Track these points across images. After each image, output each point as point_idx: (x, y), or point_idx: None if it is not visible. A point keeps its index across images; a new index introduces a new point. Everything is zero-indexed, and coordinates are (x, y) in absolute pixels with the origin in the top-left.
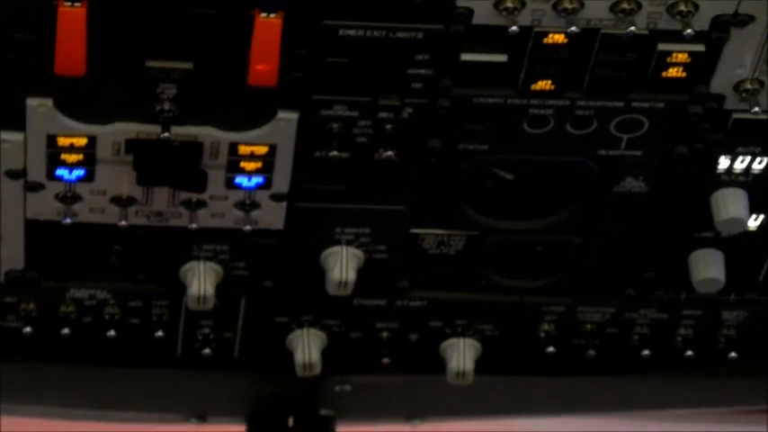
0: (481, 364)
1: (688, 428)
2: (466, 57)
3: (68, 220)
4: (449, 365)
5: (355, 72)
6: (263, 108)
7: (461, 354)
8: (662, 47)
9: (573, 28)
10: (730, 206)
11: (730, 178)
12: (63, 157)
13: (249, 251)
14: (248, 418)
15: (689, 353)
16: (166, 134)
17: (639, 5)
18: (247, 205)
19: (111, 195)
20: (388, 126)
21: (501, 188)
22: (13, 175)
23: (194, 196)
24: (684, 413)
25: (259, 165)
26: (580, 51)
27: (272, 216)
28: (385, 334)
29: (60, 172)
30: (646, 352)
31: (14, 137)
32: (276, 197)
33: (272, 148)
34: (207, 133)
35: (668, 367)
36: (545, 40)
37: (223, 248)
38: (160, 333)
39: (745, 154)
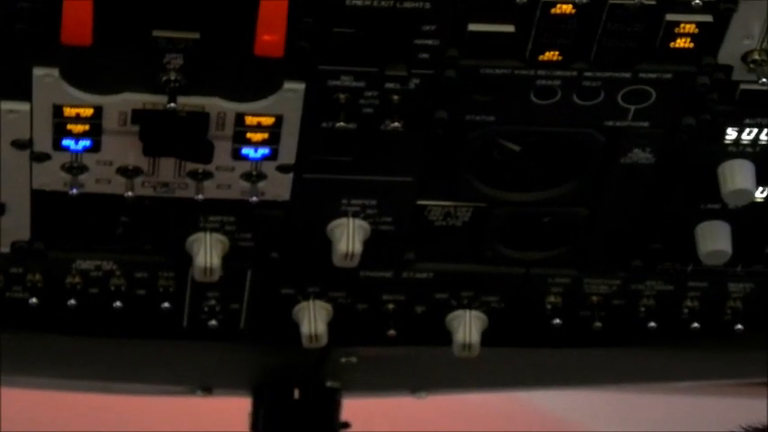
0: (487, 337)
1: (691, 400)
2: (473, 27)
3: (75, 191)
4: (455, 337)
5: (362, 42)
6: (270, 79)
7: (467, 326)
8: (670, 17)
9: None
10: (737, 178)
11: (737, 150)
12: (69, 127)
13: (255, 222)
14: (254, 389)
15: (695, 325)
16: (173, 104)
17: None
18: (254, 176)
19: (117, 166)
20: (395, 97)
21: (508, 159)
22: (20, 145)
23: (201, 167)
24: (688, 385)
25: (265, 136)
26: (588, 22)
27: (278, 187)
28: (391, 306)
29: (66, 142)
30: (652, 324)
31: (21, 107)
32: (282, 168)
33: (279, 119)
34: (213, 104)
35: (674, 339)
36: (553, 11)
37: (229, 220)
38: (166, 304)
39: (752, 125)
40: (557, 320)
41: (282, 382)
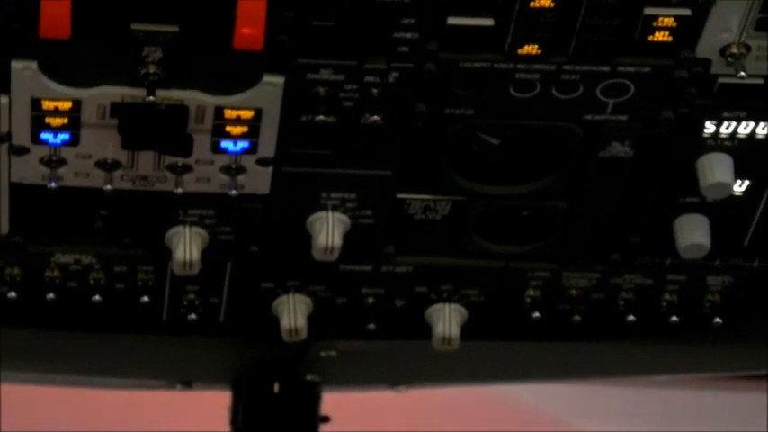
0: (467, 330)
1: (670, 395)
2: (452, 21)
3: (53, 185)
4: (435, 331)
5: (341, 36)
6: (249, 72)
7: (447, 319)
8: (648, 11)
9: None
10: (716, 171)
11: (716, 143)
12: (48, 120)
13: (235, 216)
14: (233, 383)
15: (674, 318)
16: (152, 98)
17: None
18: (233, 170)
19: (96, 159)
20: (375, 90)
21: (487, 153)
22: None
23: (180, 160)
24: (667, 379)
25: (245, 129)
26: (567, 15)
27: (258, 181)
28: (371, 299)
29: (45, 136)
30: (631, 317)
31: None
32: (262, 162)
33: (258, 113)
34: (192, 97)
35: (653, 333)
36: (532, 4)
37: (209, 213)
38: (146, 298)
39: (730, 119)
40: (536, 314)
41: (262, 376)
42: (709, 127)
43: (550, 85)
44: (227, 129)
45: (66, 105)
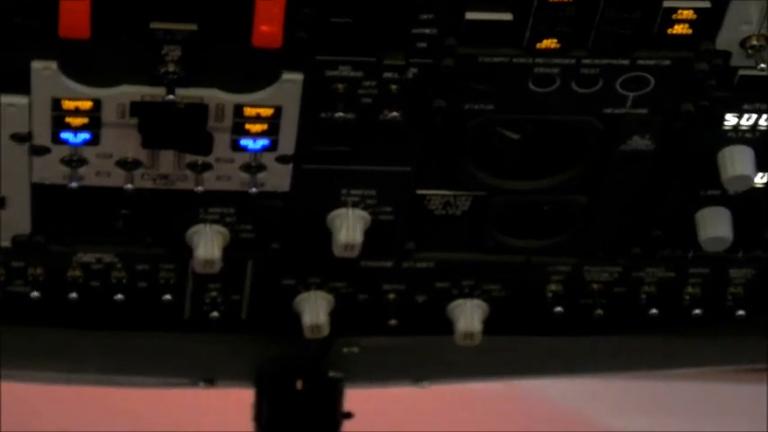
0: (489, 325)
1: (694, 387)
2: (471, 15)
3: (74, 184)
4: (456, 326)
5: (360, 32)
6: (268, 69)
7: (469, 315)
8: (667, 3)
9: None
10: (737, 163)
11: (737, 135)
12: (68, 120)
13: (255, 214)
14: (256, 380)
15: (696, 311)
16: (171, 96)
17: None
18: (253, 167)
19: (116, 158)
20: (393, 86)
21: (507, 148)
22: (19, 138)
23: (200, 159)
24: (691, 372)
25: (264, 127)
26: (586, 9)
27: (277, 178)
28: (392, 296)
29: (65, 135)
30: (653, 311)
31: (19, 100)
32: (282, 159)
33: (278, 110)
34: (212, 95)
35: (676, 326)
36: None
37: (229, 211)
38: (168, 296)
39: (751, 111)
40: (558, 308)
41: (285, 373)
42: (730, 119)
43: (570, 79)
44: (247, 126)
45: (87, 105)
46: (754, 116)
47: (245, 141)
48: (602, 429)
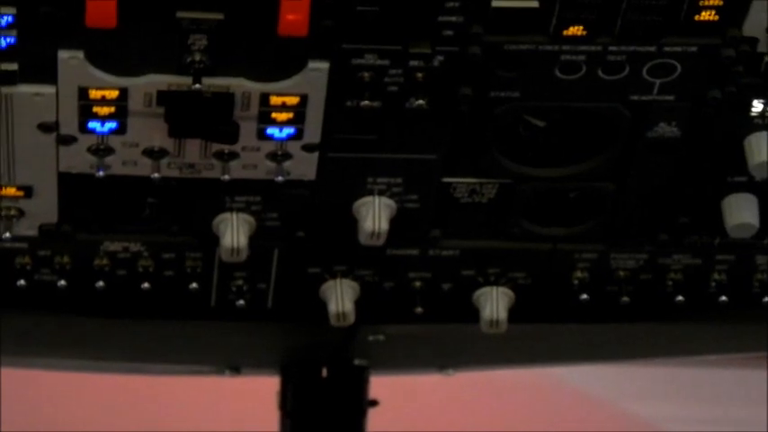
0: (514, 313)
1: (717, 373)
2: (497, 3)
3: (101, 173)
4: (482, 314)
5: (386, 20)
6: (294, 58)
7: (495, 302)
8: None
9: None
10: (765, 149)
11: (764, 122)
12: (95, 109)
13: (281, 202)
14: (282, 368)
15: (723, 298)
16: (198, 85)
17: None
18: (279, 156)
19: (143, 147)
20: (419, 74)
21: (533, 135)
22: (46, 128)
23: (226, 148)
24: (718, 359)
25: (290, 115)
26: None
27: (304, 167)
28: (418, 283)
29: (92, 125)
30: (680, 298)
31: (46, 90)
32: (308, 147)
33: (304, 99)
34: (238, 84)
35: (702, 313)
36: None
37: (256, 200)
38: (194, 285)
39: None
40: (584, 296)
41: (310, 361)
42: (757, 106)
43: (596, 66)
44: (273, 115)
45: (113, 94)
46: None
47: (271, 130)
48: (627, 415)
